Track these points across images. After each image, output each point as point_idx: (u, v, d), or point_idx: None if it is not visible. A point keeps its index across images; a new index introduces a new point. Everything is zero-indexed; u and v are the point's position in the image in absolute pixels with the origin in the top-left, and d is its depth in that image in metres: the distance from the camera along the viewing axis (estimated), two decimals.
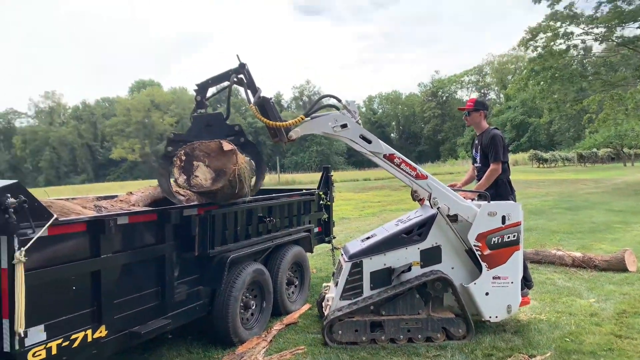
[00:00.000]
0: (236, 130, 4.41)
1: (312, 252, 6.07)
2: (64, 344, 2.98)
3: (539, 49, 24.47)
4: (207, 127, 4.44)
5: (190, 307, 4.06)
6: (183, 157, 3.96)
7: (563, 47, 24.60)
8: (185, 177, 3.94)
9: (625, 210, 13.52)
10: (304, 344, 4.42)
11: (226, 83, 4.59)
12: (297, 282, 5.63)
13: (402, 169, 4.55)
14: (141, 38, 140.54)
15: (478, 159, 5.21)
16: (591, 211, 13.57)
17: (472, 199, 4.77)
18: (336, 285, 4.62)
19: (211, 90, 4.76)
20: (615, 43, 25.39)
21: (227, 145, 3.92)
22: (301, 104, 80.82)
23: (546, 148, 57.12)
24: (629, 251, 6.82)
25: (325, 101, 4.80)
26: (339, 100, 4.63)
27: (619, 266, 6.67)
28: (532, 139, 65.67)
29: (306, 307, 5.49)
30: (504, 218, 4.41)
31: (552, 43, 23.84)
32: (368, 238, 4.83)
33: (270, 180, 31.05)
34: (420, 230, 4.56)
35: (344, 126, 4.48)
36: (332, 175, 6.63)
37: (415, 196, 4.77)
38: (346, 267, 4.51)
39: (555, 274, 6.72)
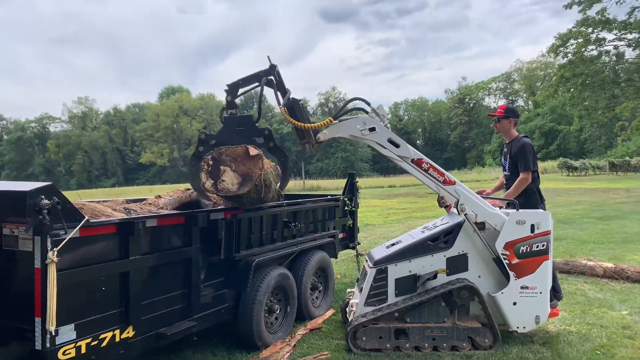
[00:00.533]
0: (265, 134, 4.44)
1: (336, 257, 6.06)
2: (92, 344, 3.05)
3: (570, 55, 24.02)
4: (237, 129, 4.49)
5: (216, 309, 4.10)
6: (210, 162, 4.02)
7: (595, 53, 24.11)
8: (212, 181, 4.00)
9: None
10: (327, 349, 4.41)
11: (256, 84, 4.62)
12: (321, 288, 5.62)
13: (429, 174, 4.51)
14: (171, 44, 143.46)
15: (507, 167, 5.13)
16: (623, 221, 13.18)
17: (501, 207, 4.69)
18: (360, 291, 4.60)
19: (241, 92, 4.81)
20: None
21: (253, 151, 3.97)
22: (327, 110, 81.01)
23: (576, 156, 55.79)
24: None
25: (354, 105, 4.80)
26: (368, 104, 4.63)
27: None
28: (561, 147, 64.25)
29: (330, 312, 5.47)
30: (533, 227, 4.33)
31: (583, 49, 23.40)
32: (393, 244, 4.79)
33: (296, 185, 31.17)
34: (446, 237, 4.51)
35: (372, 129, 4.47)
36: (357, 182, 6.62)
37: (442, 202, 4.72)
38: (371, 273, 4.49)
39: (586, 284, 6.55)
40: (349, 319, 4.54)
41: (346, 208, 6.34)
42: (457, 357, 4.18)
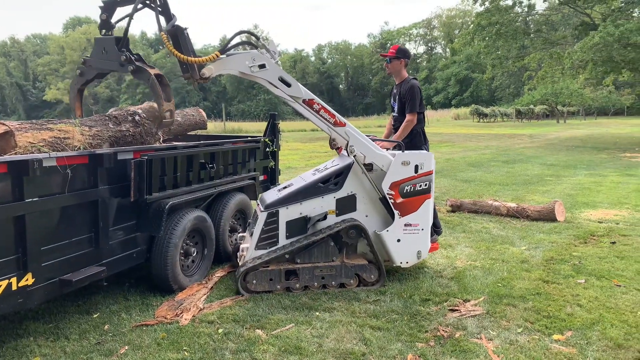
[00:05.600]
0: (122, 59, 4.10)
1: (257, 199, 5.98)
2: None
3: (487, 4, 24.66)
4: (104, 52, 4.19)
5: (127, 254, 3.92)
6: None
7: (509, 2, 24.91)
8: None
9: (556, 164, 14.24)
10: None
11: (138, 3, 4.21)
12: (241, 230, 5.55)
13: (321, 116, 4.47)
14: None
15: (396, 108, 5.22)
16: (526, 164, 14.20)
17: (388, 149, 4.79)
18: (251, 235, 4.55)
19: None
20: (558, 1, 25.99)
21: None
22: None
23: (487, 103, 58.86)
24: (559, 202, 7.19)
25: (242, 39, 4.55)
26: (258, 38, 4.41)
27: (549, 216, 7.04)
28: (474, 94, 67.35)
29: None
30: (416, 167, 4.48)
31: None
32: (285, 187, 4.77)
33: (216, 127, 30.27)
34: (336, 179, 4.55)
35: (262, 66, 4.29)
36: (278, 123, 6.47)
37: (333, 144, 4.75)
38: (262, 216, 4.44)
39: (491, 223, 7.02)
40: (240, 263, 4.50)
41: (267, 150, 6.21)
42: (372, 292, 4.33)
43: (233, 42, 4.37)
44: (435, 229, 5.15)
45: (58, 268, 3.28)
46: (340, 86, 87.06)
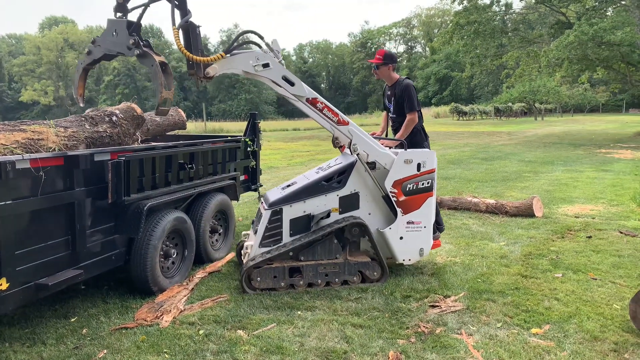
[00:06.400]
0: (131, 43, 4.06)
1: (237, 200, 5.95)
2: None
3: (465, 3, 24.95)
4: (114, 33, 4.16)
5: (105, 256, 3.86)
6: None
7: (487, 1, 25.24)
8: None
9: (534, 161, 14.46)
10: (227, 291, 4.38)
11: None
12: (221, 230, 5.51)
13: (324, 114, 4.49)
14: None
15: (392, 109, 5.25)
16: (504, 161, 14.40)
17: (390, 147, 4.83)
18: (255, 233, 4.57)
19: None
20: (534, 1, 26.40)
21: None
22: None
23: (466, 101, 59.47)
24: (537, 198, 7.31)
25: (246, 39, 4.53)
26: (262, 38, 4.40)
27: (527, 212, 7.15)
28: (453, 93, 68.05)
29: (230, 255, 5.42)
30: (419, 165, 4.52)
31: None
32: (288, 186, 4.78)
33: (197, 127, 30.04)
34: (340, 177, 4.57)
35: (265, 65, 4.30)
36: (259, 122, 6.45)
37: (336, 143, 4.76)
38: (266, 214, 4.45)
39: (471, 219, 7.10)
40: (244, 261, 4.52)
41: (248, 149, 6.19)
42: (353, 290, 4.35)
43: (238, 41, 4.36)
44: (438, 227, 5.17)
45: (33, 272, 3.21)
46: (322, 85, 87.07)
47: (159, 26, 77.15)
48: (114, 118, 4.40)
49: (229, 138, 5.89)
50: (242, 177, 6.10)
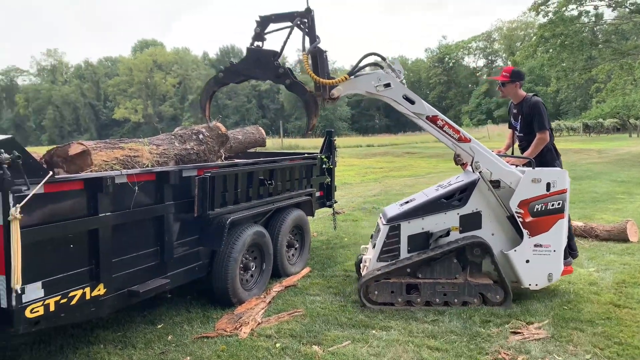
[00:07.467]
0: (280, 72, 4.41)
1: (313, 215, 6.05)
2: (62, 301, 2.98)
3: (550, 15, 23.87)
4: (256, 62, 4.51)
5: (190, 267, 4.07)
6: (45, 165, 3.35)
7: (575, 12, 24.00)
8: None
9: (628, 181, 13.43)
10: (302, 306, 4.45)
11: (288, 24, 4.54)
12: (297, 245, 5.63)
13: (445, 132, 4.45)
14: None
15: (519, 127, 5.07)
16: (594, 181, 13.50)
17: (516, 165, 4.66)
18: (374, 247, 4.63)
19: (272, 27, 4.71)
20: (628, 10, 24.73)
21: (76, 148, 3.51)
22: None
23: (552, 117, 56.45)
24: (631, 222, 6.79)
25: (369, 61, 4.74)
26: (384, 59, 4.53)
27: (620, 236, 6.65)
28: None
29: (306, 270, 5.50)
30: (548, 185, 4.33)
31: (564, 8, 23.24)
32: (407, 202, 4.80)
33: (274, 144, 30.88)
34: (460, 195, 4.50)
35: (387, 85, 4.42)
36: (334, 140, 6.55)
37: (457, 160, 4.71)
38: (384, 229, 4.50)
39: None
40: (362, 274, 4.58)
41: (324, 166, 6.29)
42: (430, 312, 4.25)
43: (362, 64, 4.55)
44: (571, 252, 4.92)
45: (127, 279, 3.46)
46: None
47: (240, 47, 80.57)
48: (201, 136, 4.66)
49: (306, 155, 6.03)
50: (317, 193, 6.20)
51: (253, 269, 4.70)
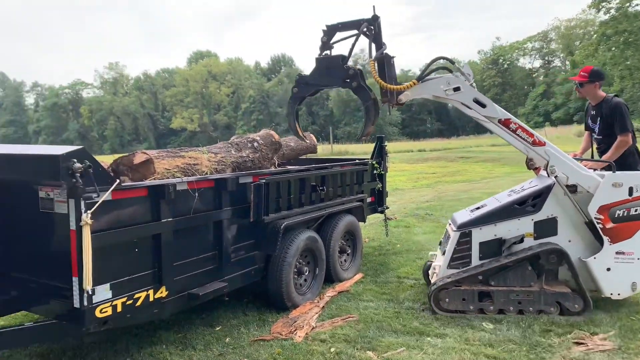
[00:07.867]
0: (350, 73, 4.43)
1: (364, 221, 6.05)
2: (128, 302, 3.15)
3: (612, 11, 22.81)
4: (327, 69, 4.55)
5: (246, 271, 4.18)
6: (112, 174, 3.45)
7: (639, 8, 22.78)
8: None
9: None
10: (356, 311, 4.46)
11: (355, 32, 4.56)
12: (349, 251, 5.65)
13: (517, 135, 4.36)
14: (198, 7, 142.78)
15: (597, 129, 4.89)
16: None
17: (595, 169, 4.49)
18: (443, 254, 4.58)
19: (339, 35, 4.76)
20: None
21: (140, 157, 3.63)
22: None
23: None
24: None
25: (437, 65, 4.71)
26: (452, 63, 4.51)
27: None
28: None
29: (359, 276, 5.51)
30: (631, 189, 4.15)
31: (627, 4, 22.15)
32: (478, 208, 4.73)
33: (324, 150, 31.07)
34: (534, 201, 4.39)
35: (456, 89, 4.37)
36: (385, 145, 6.53)
37: (530, 164, 4.59)
38: (454, 236, 4.45)
39: None
40: (432, 281, 4.55)
41: (375, 172, 6.29)
42: (487, 320, 4.15)
43: (430, 68, 4.57)
44: None
45: (187, 282, 3.60)
46: (449, 105, 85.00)
47: (290, 55, 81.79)
48: (255, 144, 4.78)
49: (357, 161, 6.05)
50: (369, 199, 6.20)
51: (306, 274, 4.76)
